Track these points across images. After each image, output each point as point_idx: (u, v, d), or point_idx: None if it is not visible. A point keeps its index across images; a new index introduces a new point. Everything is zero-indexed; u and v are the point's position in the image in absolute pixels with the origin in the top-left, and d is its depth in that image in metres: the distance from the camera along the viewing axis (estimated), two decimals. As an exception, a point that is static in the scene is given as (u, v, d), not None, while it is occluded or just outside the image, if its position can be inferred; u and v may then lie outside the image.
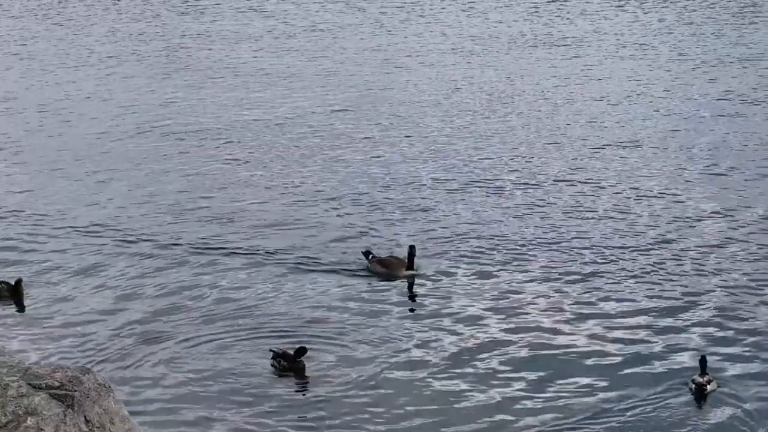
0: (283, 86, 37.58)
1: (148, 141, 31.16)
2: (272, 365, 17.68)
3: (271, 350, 17.87)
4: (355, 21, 49.63)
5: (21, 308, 20.14)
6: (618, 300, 20.27)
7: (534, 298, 20.31)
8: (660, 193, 25.92)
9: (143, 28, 48.73)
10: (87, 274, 21.56)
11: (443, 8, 52.73)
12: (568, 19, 49.45)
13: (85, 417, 11.36)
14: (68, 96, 36.63)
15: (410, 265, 21.41)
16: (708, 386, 16.77)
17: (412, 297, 20.76)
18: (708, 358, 17.21)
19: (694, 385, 16.87)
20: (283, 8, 52.86)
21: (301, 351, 17.56)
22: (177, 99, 35.81)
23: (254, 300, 20.36)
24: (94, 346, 18.45)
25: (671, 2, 52.23)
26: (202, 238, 23.34)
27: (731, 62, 39.31)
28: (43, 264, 22.12)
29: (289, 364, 17.50)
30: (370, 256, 21.86)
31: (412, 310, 20.07)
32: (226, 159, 29.32)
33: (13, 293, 20.44)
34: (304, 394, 17.14)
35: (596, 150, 29.34)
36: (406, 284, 21.16)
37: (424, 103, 34.82)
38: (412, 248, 21.43)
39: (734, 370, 17.65)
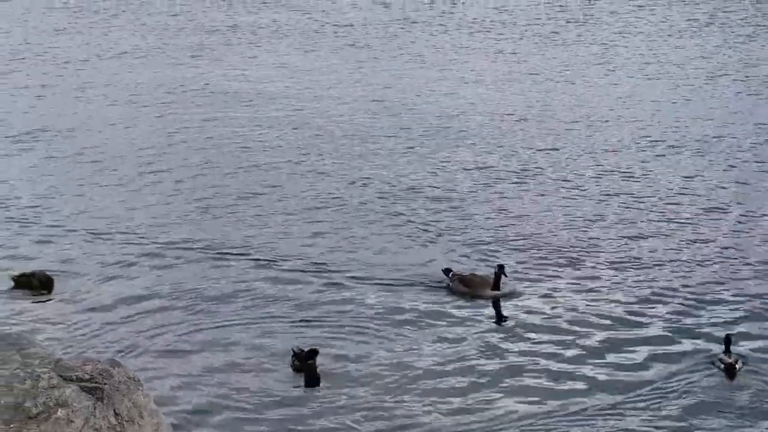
0: (330, 84, 37.49)
1: (188, 145, 30.94)
2: (290, 364, 17.74)
3: (292, 348, 17.93)
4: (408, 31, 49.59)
5: (52, 301, 20.33)
6: (644, 284, 20.76)
7: (617, 337, 18.95)
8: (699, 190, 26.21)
9: (171, 23, 48.88)
10: (119, 272, 21.61)
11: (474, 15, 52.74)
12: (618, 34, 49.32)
13: (114, 410, 11.47)
14: (96, 100, 36.80)
15: (495, 285, 20.01)
16: (736, 365, 17.09)
17: (488, 320, 19.48)
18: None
19: (722, 365, 17.21)
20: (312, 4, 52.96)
21: (312, 353, 17.41)
22: (214, 101, 35.90)
23: (305, 306, 19.93)
24: (124, 339, 18.54)
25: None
26: (259, 247, 22.83)
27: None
28: (75, 260, 22.21)
29: (301, 364, 17.43)
30: (451, 273, 20.52)
31: (479, 334, 18.79)
32: (282, 164, 28.73)
33: (44, 286, 20.67)
34: (309, 397, 16.90)
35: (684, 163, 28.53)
36: (488, 305, 19.88)
37: (496, 111, 34.08)
38: (500, 267, 20.03)
39: (755, 347, 18.01)
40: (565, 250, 22.54)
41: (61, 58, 42.29)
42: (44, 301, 20.26)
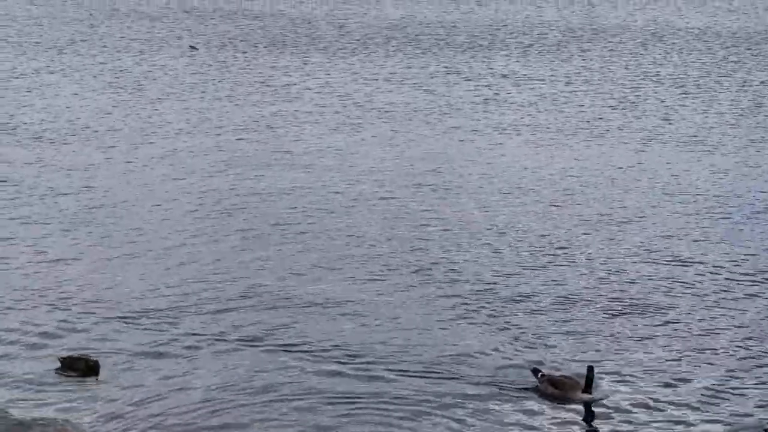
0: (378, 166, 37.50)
1: (230, 226, 30.70)
2: None
3: None
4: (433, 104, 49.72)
5: (99, 386, 20.13)
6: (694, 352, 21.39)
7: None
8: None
9: (215, 104, 49.15)
10: (164, 356, 21.53)
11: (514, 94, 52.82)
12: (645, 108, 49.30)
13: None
14: (134, 177, 36.86)
15: (587, 388, 19.35)
16: None
17: (574, 425, 18.81)
18: None
19: None
20: (354, 89, 53.17)
21: None
22: (254, 179, 35.89)
23: (370, 402, 19.48)
24: (170, 426, 18.39)
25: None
26: (301, 334, 22.58)
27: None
28: (120, 343, 22.13)
29: None
30: (540, 374, 19.93)
31: None
32: (322, 248, 28.47)
33: (91, 370, 20.51)
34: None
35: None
36: (578, 410, 19.21)
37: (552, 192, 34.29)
38: (590, 369, 19.43)
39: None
40: (649, 344, 22.08)
41: (110, 135, 42.49)
42: (91, 386, 20.10)
